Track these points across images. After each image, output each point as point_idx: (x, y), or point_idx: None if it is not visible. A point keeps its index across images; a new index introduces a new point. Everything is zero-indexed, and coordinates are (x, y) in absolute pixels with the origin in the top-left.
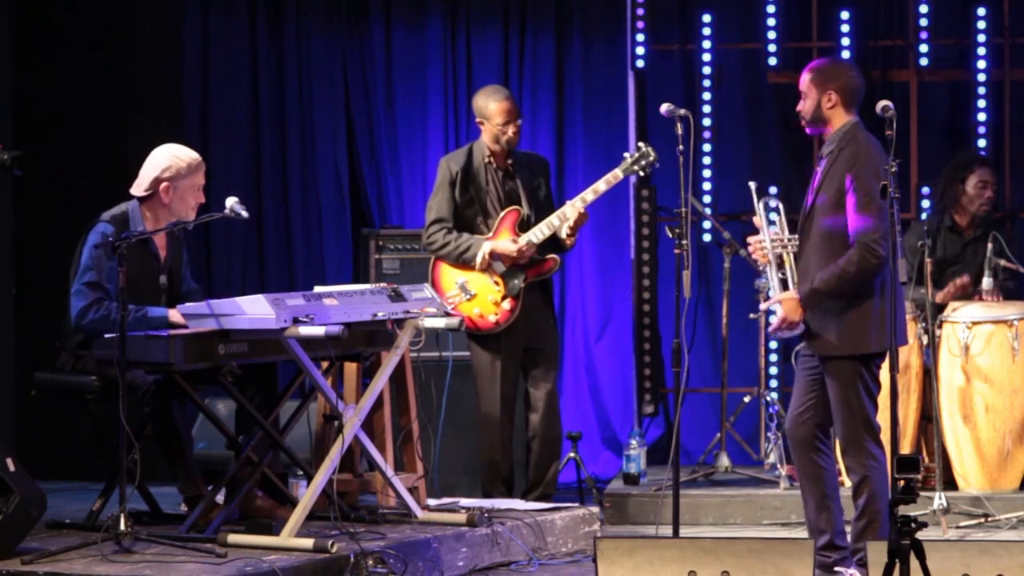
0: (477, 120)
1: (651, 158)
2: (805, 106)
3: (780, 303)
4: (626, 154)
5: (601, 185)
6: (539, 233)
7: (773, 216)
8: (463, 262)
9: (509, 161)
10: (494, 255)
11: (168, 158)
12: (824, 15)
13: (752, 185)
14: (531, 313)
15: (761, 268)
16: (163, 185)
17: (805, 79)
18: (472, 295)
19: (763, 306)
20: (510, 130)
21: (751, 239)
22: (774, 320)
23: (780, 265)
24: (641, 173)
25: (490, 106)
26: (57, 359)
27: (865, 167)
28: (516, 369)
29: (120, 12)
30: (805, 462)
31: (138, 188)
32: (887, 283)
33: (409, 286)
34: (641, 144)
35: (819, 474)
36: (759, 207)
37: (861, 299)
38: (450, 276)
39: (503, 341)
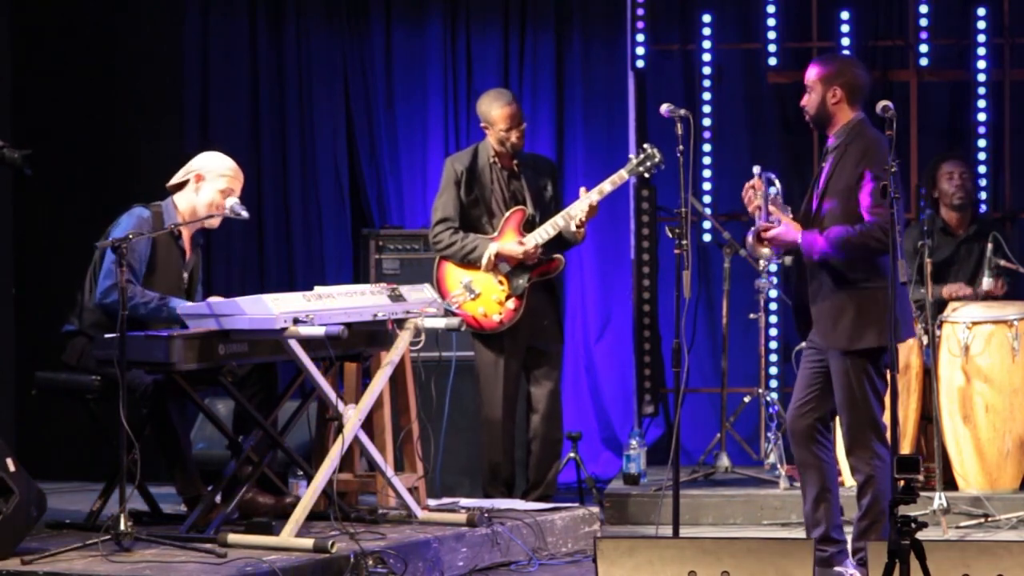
0: (482, 124)
1: (656, 159)
2: (810, 101)
3: (783, 224)
4: (631, 155)
5: (607, 186)
6: (544, 233)
7: (772, 190)
8: (468, 262)
9: (515, 162)
10: (500, 256)
11: (207, 156)
12: (824, 15)
13: (756, 169)
14: (535, 313)
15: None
16: (195, 174)
17: (810, 74)
18: (476, 294)
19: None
20: (513, 135)
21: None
22: (762, 226)
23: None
24: (647, 175)
25: (493, 112)
26: (64, 349)
27: (877, 162)
28: (519, 369)
29: (120, 12)
30: (805, 455)
31: (174, 179)
32: (895, 280)
33: (409, 286)
34: (647, 146)
35: (819, 466)
36: (762, 178)
37: (873, 293)
38: (455, 275)
39: (506, 341)
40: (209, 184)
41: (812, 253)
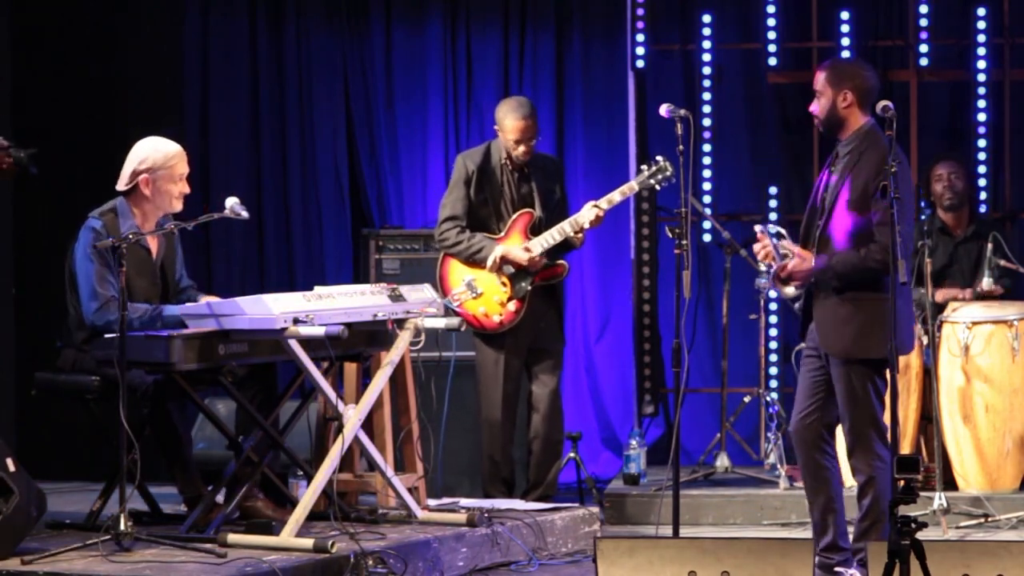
0: (495, 127)
1: (668, 172)
2: (820, 105)
3: (795, 257)
4: (643, 167)
5: (616, 196)
6: (550, 238)
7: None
8: (473, 262)
9: (525, 163)
10: (505, 259)
11: (145, 151)
12: (824, 15)
13: (757, 228)
14: (536, 315)
15: (764, 268)
16: (142, 178)
17: (820, 78)
18: (479, 294)
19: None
20: (520, 149)
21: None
22: (780, 266)
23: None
24: (657, 187)
25: (507, 122)
26: (58, 357)
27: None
28: (520, 368)
29: (120, 12)
30: (810, 463)
31: (120, 183)
32: (901, 287)
33: (409, 286)
34: (659, 158)
35: (824, 475)
36: (766, 233)
37: (876, 303)
38: (458, 273)
39: (508, 340)
40: (162, 181)
41: (824, 282)
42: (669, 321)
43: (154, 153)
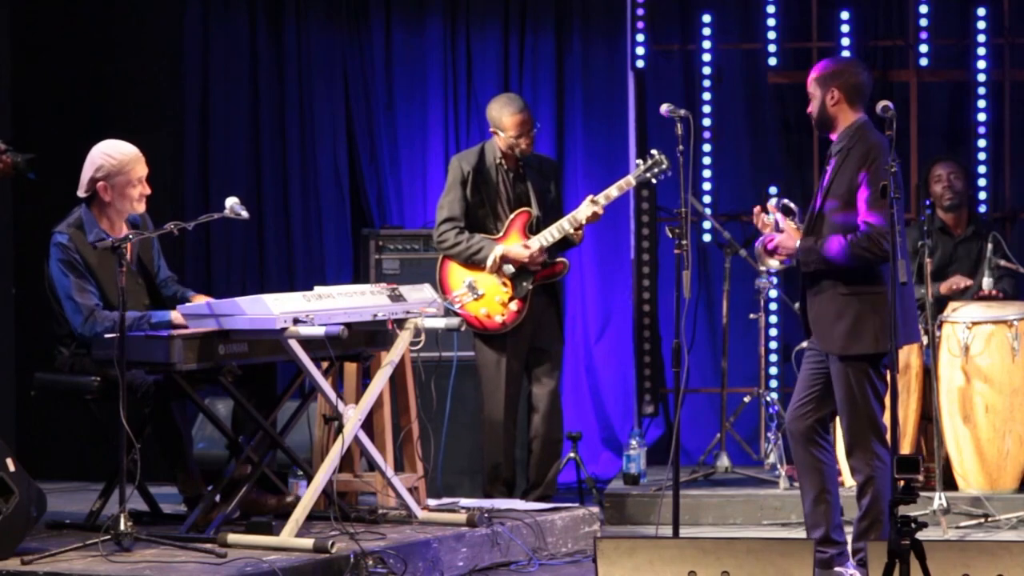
0: (491, 129)
1: (664, 166)
2: (812, 106)
3: (785, 233)
4: (639, 161)
5: (613, 191)
6: (549, 236)
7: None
8: (473, 263)
9: (520, 163)
10: (505, 258)
11: (100, 157)
12: (824, 15)
13: (772, 191)
14: (537, 315)
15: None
16: (99, 185)
17: (810, 80)
18: (480, 295)
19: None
20: (523, 142)
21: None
22: (768, 237)
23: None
24: (654, 180)
25: (504, 119)
26: (56, 359)
27: (878, 164)
28: (521, 369)
29: (120, 12)
30: (804, 456)
31: (80, 190)
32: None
33: (409, 286)
34: (655, 152)
35: (818, 467)
36: (773, 206)
37: (872, 298)
38: (458, 275)
39: (508, 340)
40: (120, 186)
41: (808, 263)
42: (669, 321)
43: (108, 160)
